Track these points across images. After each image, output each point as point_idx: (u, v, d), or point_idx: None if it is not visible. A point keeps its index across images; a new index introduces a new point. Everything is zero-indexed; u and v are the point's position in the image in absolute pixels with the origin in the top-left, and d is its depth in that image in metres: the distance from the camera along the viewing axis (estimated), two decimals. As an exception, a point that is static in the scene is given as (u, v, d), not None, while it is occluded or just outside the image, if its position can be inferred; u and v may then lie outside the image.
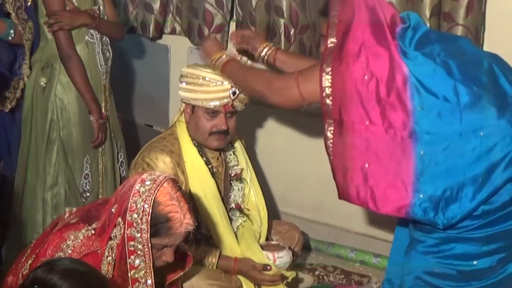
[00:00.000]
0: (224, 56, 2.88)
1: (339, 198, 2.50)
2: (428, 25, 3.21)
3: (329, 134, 2.46)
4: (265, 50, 3.01)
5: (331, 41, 2.46)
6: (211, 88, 2.89)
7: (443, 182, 2.31)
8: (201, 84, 2.90)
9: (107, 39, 3.39)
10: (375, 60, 2.36)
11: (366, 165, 2.38)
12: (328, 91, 2.41)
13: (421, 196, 2.33)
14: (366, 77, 2.35)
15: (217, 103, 2.90)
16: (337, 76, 2.40)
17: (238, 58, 2.96)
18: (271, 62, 3.01)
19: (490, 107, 2.31)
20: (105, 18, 3.36)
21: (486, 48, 3.26)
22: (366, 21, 2.41)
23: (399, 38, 2.39)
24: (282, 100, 2.61)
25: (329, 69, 2.42)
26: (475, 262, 2.38)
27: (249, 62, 3.01)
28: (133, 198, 2.21)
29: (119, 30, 3.48)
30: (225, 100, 2.90)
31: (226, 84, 2.88)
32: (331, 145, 2.47)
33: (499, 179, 2.30)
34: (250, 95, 2.90)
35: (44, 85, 3.31)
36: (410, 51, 2.37)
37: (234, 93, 2.89)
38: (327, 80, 2.42)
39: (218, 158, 3.07)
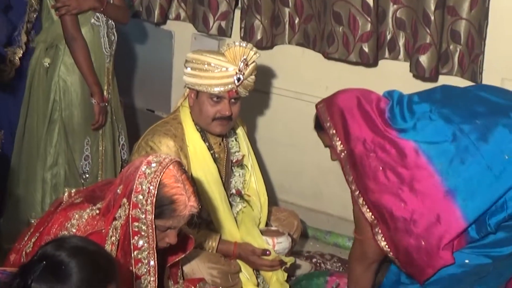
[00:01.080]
0: None
1: (421, 284, 2.53)
2: (432, 18, 3.24)
3: (382, 242, 2.54)
4: None
5: (340, 149, 2.58)
6: (216, 74, 2.90)
7: (487, 204, 2.40)
8: (206, 69, 2.91)
9: (113, 23, 3.40)
10: (382, 151, 2.47)
11: (423, 243, 2.45)
12: (362, 202, 2.53)
13: (470, 223, 2.41)
14: (381, 168, 2.45)
15: (222, 88, 2.91)
16: (359, 182, 2.51)
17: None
18: None
19: (500, 129, 2.41)
20: (112, 2, 3.37)
21: (488, 43, 3.29)
22: (359, 119, 2.54)
23: (391, 122, 2.51)
24: (376, 257, 2.66)
25: (351, 178, 2.54)
26: (507, 248, 2.44)
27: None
28: (139, 179, 2.22)
29: (124, 14, 3.49)
30: (230, 86, 2.91)
31: (231, 70, 2.90)
32: (389, 249, 2.53)
33: None
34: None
35: (48, 65, 3.32)
36: (406, 126, 2.49)
37: (238, 79, 2.91)
38: (355, 192, 2.54)
39: (220, 144, 3.09)
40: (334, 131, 2.58)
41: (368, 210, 2.53)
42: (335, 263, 3.60)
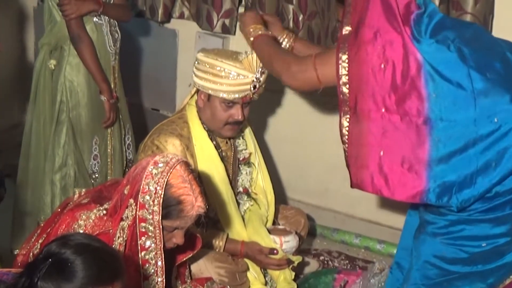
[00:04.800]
0: (259, 30, 2.83)
1: (352, 186, 2.48)
2: (438, 12, 3.22)
3: (345, 122, 2.45)
4: (286, 40, 2.97)
5: (346, 29, 2.45)
6: (232, 81, 2.86)
7: (457, 168, 2.32)
8: (222, 76, 2.86)
9: (115, 21, 3.40)
10: (390, 47, 2.34)
11: (382, 153, 2.37)
12: (345, 79, 2.41)
13: (435, 182, 2.33)
14: (382, 66, 2.34)
15: (237, 95, 2.88)
16: (353, 63, 2.39)
17: None
18: (289, 51, 2.95)
19: (504, 93, 2.31)
20: (111, 1, 3.37)
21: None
22: (380, 8, 2.39)
23: (413, 25, 2.37)
24: (298, 83, 2.60)
25: (346, 56, 2.41)
26: (483, 244, 2.39)
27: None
28: (146, 180, 2.22)
29: (125, 13, 3.47)
30: (245, 93, 2.89)
31: (249, 79, 2.85)
32: (346, 132, 2.45)
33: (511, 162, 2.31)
34: (269, 71, 2.83)
35: (54, 67, 3.33)
36: (424, 39, 2.35)
37: (254, 86, 2.88)
38: (344, 68, 2.41)
39: (227, 142, 3.08)
40: (351, 10, 2.46)
41: (348, 92, 2.41)
42: (342, 261, 3.60)
